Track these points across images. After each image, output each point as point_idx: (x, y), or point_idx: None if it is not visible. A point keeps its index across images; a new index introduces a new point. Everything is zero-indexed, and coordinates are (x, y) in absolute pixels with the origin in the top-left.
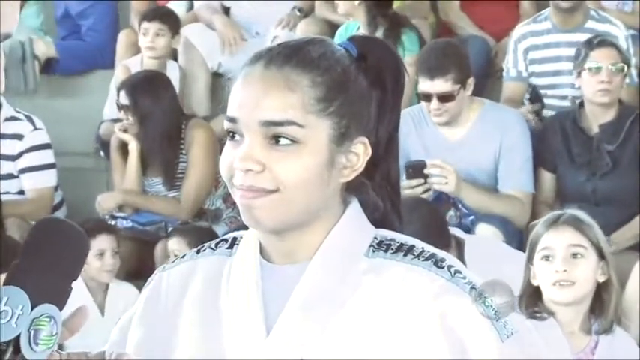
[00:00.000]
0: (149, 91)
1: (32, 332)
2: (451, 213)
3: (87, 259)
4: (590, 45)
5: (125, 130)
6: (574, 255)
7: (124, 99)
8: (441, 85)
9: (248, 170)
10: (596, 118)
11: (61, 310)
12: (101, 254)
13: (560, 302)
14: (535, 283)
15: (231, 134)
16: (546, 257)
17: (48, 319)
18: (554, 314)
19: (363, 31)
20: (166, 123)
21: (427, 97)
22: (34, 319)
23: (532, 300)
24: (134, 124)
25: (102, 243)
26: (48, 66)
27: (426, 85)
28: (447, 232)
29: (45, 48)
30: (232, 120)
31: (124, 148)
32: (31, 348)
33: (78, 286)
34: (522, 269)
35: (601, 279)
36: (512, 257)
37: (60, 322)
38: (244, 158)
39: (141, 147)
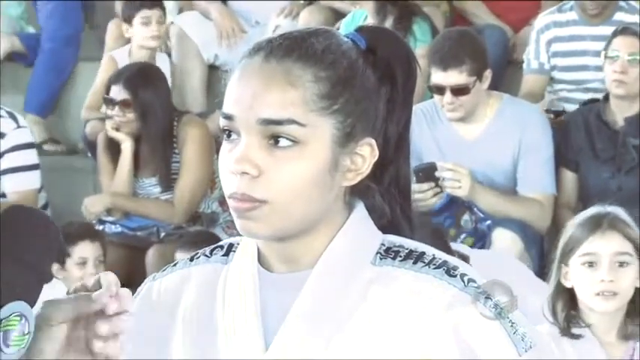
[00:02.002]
0: (149, 84)
1: (2, 334)
2: (466, 217)
3: (67, 267)
4: (615, 32)
5: (117, 129)
6: (621, 264)
7: (121, 93)
8: (455, 76)
9: (244, 173)
10: (622, 112)
11: (32, 305)
12: (83, 263)
13: (601, 313)
14: (568, 285)
15: (227, 132)
16: (589, 264)
17: (18, 318)
18: (590, 325)
19: (370, 19)
20: (166, 119)
21: (440, 90)
22: (1, 320)
23: (568, 305)
24: (133, 120)
25: (84, 250)
26: (21, 59)
27: (438, 77)
28: (449, 252)
29: (7, 44)
30: (228, 117)
31: (111, 147)
32: (1, 350)
33: (60, 294)
34: (534, 288)
35: (638, 284)
36: (521, 275)
37: (32, 319)
38: (240, 160)
39: (137, 145)
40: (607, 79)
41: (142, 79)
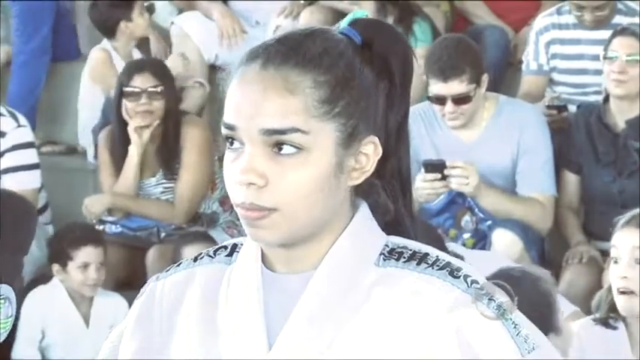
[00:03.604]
0: (170, 74)
1: None
2: (466, 218)
3: (69, 269)
4: (614, 33)
5: (140, 128)
6: None
7: (148, 81)
8: (455, 86)
9: (250, 184)
10: (623, 114)
11: (15, 288)
12: (85, 267)
13: (622, 312)
14: None
15: (229, 140)
16: (615, 260)
17: (2, 301)
18: (626, 321)
19: None
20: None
21: (440, 100)
22: None
23: (612, 302)
24: (159, 109)
25: (87, 255)
26: None
27: (439, 87)
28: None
29: (4, 55)
30: (230, 127)
31: (113, 147)
32: None
33: (61, 296)
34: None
35: None
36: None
37: (14, 302)
38: (246, 171)
39: (158, 139)
40: (606, 80)
41: (166, 69)
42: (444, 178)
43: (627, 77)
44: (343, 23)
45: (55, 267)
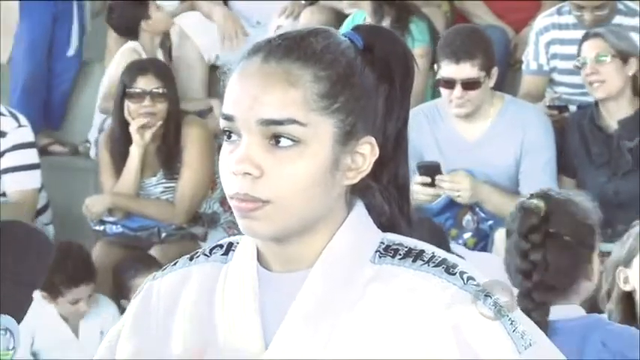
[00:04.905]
0: (172, 75)
1: None
2: (468, 217)
3: (59, 302)
4: (581, 40)
5: (142, 127)
6: None
7: (152, 83)
8: (467, 69)
9: (246, 174)
10: (614, 114)
11: (19, 321)
12: (76, 302)
13: None
14: (628, 288)
15: (227, 133)
16: None
17: (3, 333)
18: None
19: (368, 20)
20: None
21: (450, 83)
22: None
23: (627, 310)
24: (162, 111)
25: (80, 293)
26: None
27: (450, 69)
28: (448, 252)
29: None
30: (228, 118)
31: (114, 147)
32: None
33: (48, 310)
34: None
35: None
36: None
37: (17, 334)
38: (242, 160)
39: (159, 139)
40: (587, 87)
41: (169, 70)
42: (434, 182)
43: (602, 77)
44: (344, 27)
45: (44, 294)
